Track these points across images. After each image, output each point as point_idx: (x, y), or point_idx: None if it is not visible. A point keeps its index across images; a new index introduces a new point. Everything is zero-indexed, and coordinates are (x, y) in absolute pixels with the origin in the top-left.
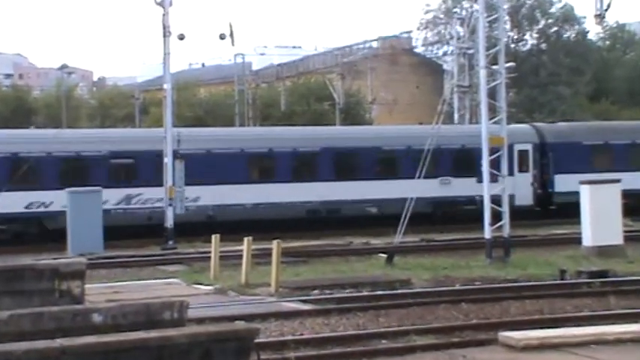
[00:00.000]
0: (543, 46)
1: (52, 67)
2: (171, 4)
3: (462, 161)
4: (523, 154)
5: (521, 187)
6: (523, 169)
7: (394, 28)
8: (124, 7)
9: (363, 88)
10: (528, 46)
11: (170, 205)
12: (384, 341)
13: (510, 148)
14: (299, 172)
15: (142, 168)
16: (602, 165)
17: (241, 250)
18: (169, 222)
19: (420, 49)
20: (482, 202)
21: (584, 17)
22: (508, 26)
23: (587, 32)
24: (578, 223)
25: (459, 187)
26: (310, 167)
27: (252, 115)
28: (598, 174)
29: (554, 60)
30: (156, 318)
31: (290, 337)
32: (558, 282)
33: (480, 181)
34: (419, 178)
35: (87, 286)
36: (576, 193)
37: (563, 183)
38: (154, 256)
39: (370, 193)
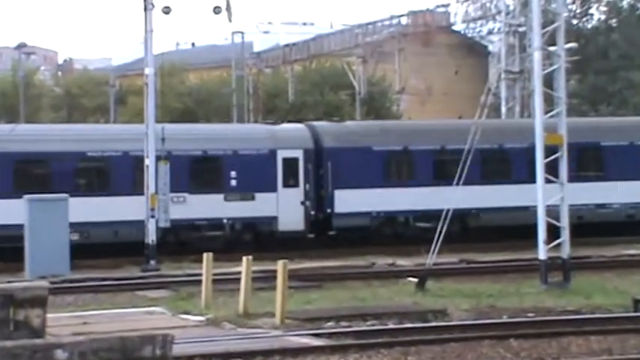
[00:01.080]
0: (613, 22)
1: (7, 46)
2: None
3: (203, 172)
4: (290, 163)
5: (287, 208)
6: (290, 183)
7: (428, 1)
8: None
9: (389, 74)
10: (594, 23)
11: (152, 216)
12: None
13: (272, 154)
14: None
15: None
16: (400, 177)
17: (239, 273)
18: (151, 237)
19: (459, 27)
20: (232, 225)
21: None
22: None
23: None
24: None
25: (199, 206)
26: None
27: (253, 107)
28: (392, 189)
29: (627, 39)
30: (134, 355)
31: None
32: (631, 314)
33: (228, 199)
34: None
35: (49, 315)
36: (364, 215)
37: (346, 202)
38: (131, 279)
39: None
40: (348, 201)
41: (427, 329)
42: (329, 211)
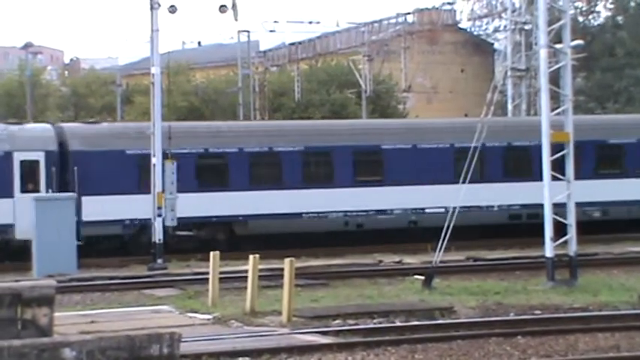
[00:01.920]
0: (620, 19)
1: (14, 46)
2: None
3: None
4: (30, 166)
5: (26, 214)
6: (30, 188)
7: None
8: None
9: (395, 72)
10: (601, 20)
11: (159, 215)
12: None
13: (8, 157)
14: None
15: None
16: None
17: (246, 271)
18: (158, 236)
19: (465, 24)
20: None
21: None
22: None
23: None
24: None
25: None
26: None
27: (259, 106)
28: (149, 195)
29: (634, 36)
30: (141, 353)
31: None
32: (638, 311)
33: None
34: None
35: (56, 314)
36: (116, 223)
37: (95, 209)
38: (139, 277)
39: None
40: (98, 208)
41: (434, 327)
42: (76, 219)
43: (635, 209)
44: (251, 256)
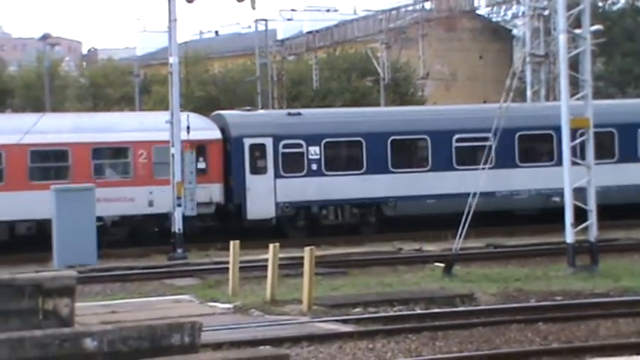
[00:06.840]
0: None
1: (32, 38)
2: None
3: None
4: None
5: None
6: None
7: None
8: None
9: (413, 59)
10: (621, 4)
11: (178, 205)
12: None
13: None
14: None
15: None
16: None
17: (266, 260)
18: (178, 226)
19: (483, 11)
20: None
21: None
22: None
23: None
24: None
25: None
26: None
27: (277, 95)
28: None
29: None
30: (162, 343)
31: None
32: None
33: None
34: None
35: (77, 304)
36: None
37: None
38: (159, 267)
39: None
40: None
41: (454, 314)
42: None
43: None
44: (271, 245)
